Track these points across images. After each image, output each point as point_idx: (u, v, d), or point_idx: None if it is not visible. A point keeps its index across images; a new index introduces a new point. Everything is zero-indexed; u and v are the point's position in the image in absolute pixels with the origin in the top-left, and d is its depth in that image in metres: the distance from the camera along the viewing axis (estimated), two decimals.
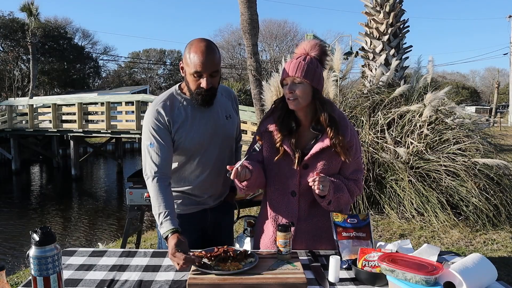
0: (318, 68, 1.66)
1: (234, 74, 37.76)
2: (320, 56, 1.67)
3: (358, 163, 1.76)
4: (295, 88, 1.62)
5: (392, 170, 5.00)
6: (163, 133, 1.76)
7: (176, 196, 1.90)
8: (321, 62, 1.69)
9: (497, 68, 56.61)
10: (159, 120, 1.75)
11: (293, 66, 1.63)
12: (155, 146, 1.74)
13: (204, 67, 1.67)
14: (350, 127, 1.71)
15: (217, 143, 1.87)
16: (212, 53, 1.69)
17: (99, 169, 20.54)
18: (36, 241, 1.18)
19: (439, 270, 1.24)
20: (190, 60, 1.69)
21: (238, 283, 1.36)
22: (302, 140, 1.72)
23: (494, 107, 31.52)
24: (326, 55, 1.70)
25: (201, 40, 1.73)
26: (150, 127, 1.76)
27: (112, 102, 14.86)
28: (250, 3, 7.20)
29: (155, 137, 1.74)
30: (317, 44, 1.68)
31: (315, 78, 1.63)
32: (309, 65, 1.63)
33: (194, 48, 1.69)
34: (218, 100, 1.87)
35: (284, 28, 38.27)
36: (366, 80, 7.01)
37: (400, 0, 6.86)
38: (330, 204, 1.65)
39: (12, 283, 3.66)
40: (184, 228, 1.89)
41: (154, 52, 44.10)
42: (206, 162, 1.87)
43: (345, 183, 1.70)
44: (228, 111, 1.94)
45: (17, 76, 30.05)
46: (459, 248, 4.04)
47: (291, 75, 1.63)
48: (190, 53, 1.69)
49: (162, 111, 1.76)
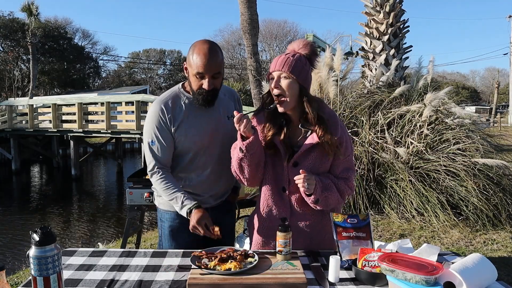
0: (306, 66, 1.66)
1: (234, 74, 37.77)
2: (310, 55, 1.68)
3: (349, 162, 1.75)
4: (281, 83, 1.63)
5: (392, 170, 5.00)
6: (164, 132, 1.80)
7: None
8: (310, 61, 1.69)
9: (497, 68, 56.70)
10: (161, 118, 1.79)
11: (281, 61, 1.63)
12: (156, 144, 1.80)
13: (206, 68, 1.70)
14: (340, 125, 1.71)
15: (218, 142, 1.88)
16: (214, 55, 1.72)
17: (99, 169, 20.53)
18: (36, 241, 1.18)
19: (439, 270, 1.24)
20: (193, 61, 1.72)
21: (238, 283, 1.36)
22: (292, 137, 1.72)
23: (494, 107, 31.52)
24: (316, 55, 1.70)
25: (205, 42, 1.75)
26: (153, 125, 1.80)
27: (112, 102, 14.86)
28: (250, 3, 7.21)
29: (156, 135, 1.80)
30: (308, 44, 1.69)
31: (301, 74, 1.63)
32: (297, 62, 1.63)
33: (197, 49, 1.72)
34: (220, 100, 1.89)
35: (284, 28, 38.34)
36: (366, 80, 7.01)
37: (400, 0, 6.87)
38: (318, 203, 1.64)
39: (12, 283, 3.65)
40: (185, 226, 1.90)
41: (154, 52, 44.10)
42: (207, 161, 1.88)
43: (335, 182, 1.69)
44: (230, 111, 1.94)
45: (17, 76, 30.05)
46: (459, 248, 4.04)
47: (278, 69, 1.63)
48: (193, 54, 1.72)
49: (165, 109, 1.80)
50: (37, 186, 15.89)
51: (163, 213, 1.98)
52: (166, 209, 1.96)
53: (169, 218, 1.94)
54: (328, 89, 5.39)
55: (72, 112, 15.42)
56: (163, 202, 1.96)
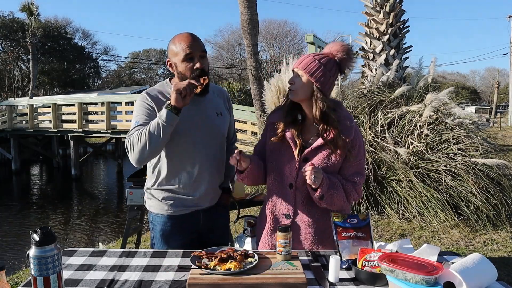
0: (327, 68, 1.66)
1: (234, 74, 37.74)
2: (341, 59, 1.68)
3: (359, 166, 1.75)
4: (295, 79, 1.68)
5: (393, 170, 5.00)
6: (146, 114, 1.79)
7: (167, 196, 1.89)
8: (340, 65, 1.70)
9: (497, 68, 56.69)
10: (145, 102, 1.82)
11: (302, 59, 1.70)
12: (140, 123, 1.77)
13: (193, 47, 1.76)
14: (355, 129, 1.72)
15: (206, 138, 1.87)
16: (196, 37, 1.81)
17: (99, 169, 20.54)
18: (36, 241, 1.18)
19: (439, 270, 1.24)
20: (177, 48, 1.78)
21: (238, 283, 1.36)
22: (305, 133, 1.74)
23: (494, 107, 31.50)
24: (350, 60, 1.70)
25: (181, 32, 1.84)
26: (138, 112, 1.82)
27: (112, 102, 14.86)
28: (250, 3, 7.21)
29: (141, 117, 1.79)
30: (344, 48, 1.69)
31: (317, 74, 1.64)
32: (317, 62, 1.65)
33: (178, 38, 1.80)
34: (208, 97, 1.90)
35: (284, 28, 38.28)
36: (366, 80, 7.01)
37: (400, 0, 6.86)
38: (322, 200, 1.64)
39: (12, 283, 3.65)
40: (177, 230, 1.89)
41: (154, 52, 44.11)
42: (195, 157, 1.86)
43: (343, 183, 1.70)
44: (219, 108, 1.95)
45: (17, 76, 30.05)
46: (459, 248, 4.04)
47: (295, 66, 1.70)
48: (175, 43, 1.79)
49: (148, 97, 1.83)
50: (37, 186, 15.90)
51: (154, 217, 1.93)
52: (157, 212, 1.91)
53: (160, 222, 1.90)
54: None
55: (72, 112, 15.43)
56: (153, 205, 1.92)
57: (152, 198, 1.93)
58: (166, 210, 1.89)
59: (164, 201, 1.88)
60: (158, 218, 1.92)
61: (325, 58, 1.67)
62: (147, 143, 1.66)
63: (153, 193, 1.92)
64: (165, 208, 1.89)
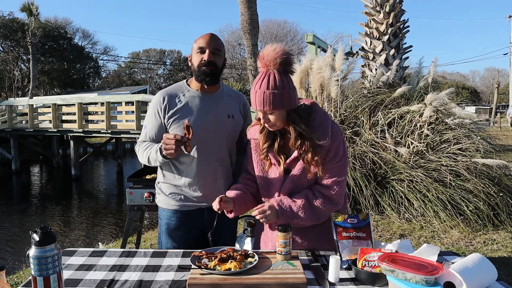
0: (279, 87, 1.55)
1: (234, 74, 37.76)
2: (284, 67, 1.57)
3: (338, 169, 1.67)
4: (267, 117, 1.62)
5: (393, 170, 5.00)
6: (155, 122, 1.94)
7: (173, 192, 1.97)
8: (286, 72, 1.59)
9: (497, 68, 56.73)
10: (157, 106, 1.94)
11: (259, 101, 1.57)
12: (146, 128, 1.98)
13: (207, 42, 1.88)
14: (332, 131, 1.65)
15: (215, 138, 1.92)
16: (215, 36, 1.92)
17: (99, 169, 20.53)
18: (36, 241, 1.19)
19: (439, 270, 1.24)
20: (196, 43, 1.90)
21: (238, 283, 1.36)
22: (286, 146, 1.72)
23: (494, 107, 31.50)
24: (290, 64, 1.58)
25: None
26: (149, 112, 1.97)
27: (112, 102, 14.84)
28: (250, 3, 7.22)
29: (148, 121, 1.97)
30: (278, 55, 1.55)
31: (284, 101, 1.57)
32: (270, 92, 1.54)
33: (201, 36, 1.92)
34: (223, 98, 1.97)
35: (284, 28, 38.35)
36: (366, 80, 7.02)
37: (400, 0, 6.87)
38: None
39: (12, 283, 3.66)
40: (181, 225, 1.96)
41: (154, 52, 44.13)
42: (203, 155, 1.91)
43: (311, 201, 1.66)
44: (232, 111, 1.98)
45: (17, 76, 30.03)
46: (459, 248, 4.04)
47: (258, 109, 1.60)
48: (197, 40, 1.91)
49: (161, 98, 1.93)
50: (37, 186, 15.89)
51: (161, 211, 2.04)
52: (164, 207, 2.02)
53: (166, 216, 2.00)
54: (330, 89, 5.40)
55: (72, 112, 15.40)
56: (161, 199, 2.02)
57: (161, 193, 2.03)
58: (172, 205, 1.98)
59: (171, 196, 1.98)
60: (164, 212, 2.01)
61: (270, 79, 1.55)
62: (148, 162, 1.93)
63: (161, 188, 2.02)
64: (171, 203, 1.98)
